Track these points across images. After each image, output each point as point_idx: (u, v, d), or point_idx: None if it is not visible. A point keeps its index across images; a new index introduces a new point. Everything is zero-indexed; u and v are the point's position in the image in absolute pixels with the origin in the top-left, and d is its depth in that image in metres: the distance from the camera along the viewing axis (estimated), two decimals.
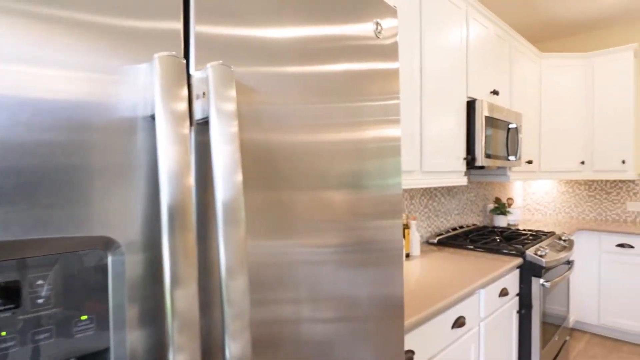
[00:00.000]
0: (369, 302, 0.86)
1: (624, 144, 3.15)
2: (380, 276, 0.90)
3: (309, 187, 0.72)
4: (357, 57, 0.83)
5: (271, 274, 0.64)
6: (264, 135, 0.64)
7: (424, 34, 1.85)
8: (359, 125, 0.84)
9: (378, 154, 0.89)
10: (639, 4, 2.96)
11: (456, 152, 2.10)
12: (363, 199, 0.85)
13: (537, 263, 1.96)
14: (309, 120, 0.73)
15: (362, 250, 0.85)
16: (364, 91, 0.85)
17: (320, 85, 0.75)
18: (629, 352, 2.87)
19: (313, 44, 0.73)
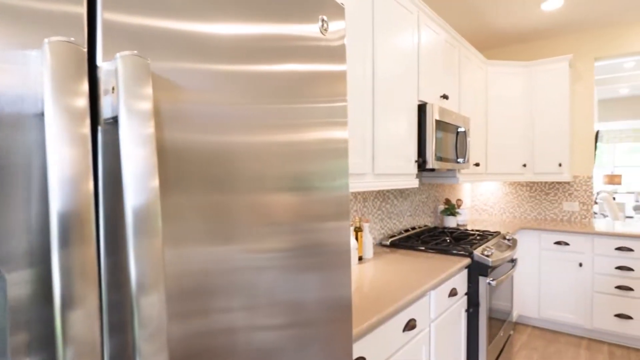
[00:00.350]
0: (316, 306, 0.84)
1: (560, 148, 3.36)
2: (327, 280, 0.87)
3: (250, 190, 0.68)
4: (303, 58, 0.80)
5: (208, 282, 0.60)
6: (197, 136, 0.59)
7: (376, 38, 1.85)
8: (304, 127, 0.81)
9: (324, 156, 0.86)
10: (573, 18, 3.18)
11: (408, 155, 2.12)
12: (309, 202, 0.82)
13: (484, 263, 2.03)
14: (249, 121, 0.69)
15: (308, 254, 0.82)
16: (310, 93, 0.82)
17: (262, 85, 0.71)
18: (566, 342, 3.06)
19: (254, 42, 0.69)
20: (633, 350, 2.91)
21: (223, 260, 0.63)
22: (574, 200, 3.59)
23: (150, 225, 0.44)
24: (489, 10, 3.02)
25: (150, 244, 0.44)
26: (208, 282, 0.60)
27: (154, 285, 0.45)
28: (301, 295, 0.80)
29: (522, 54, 3.83)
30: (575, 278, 3.11)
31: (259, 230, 0.70)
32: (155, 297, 0.45)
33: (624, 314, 2.92)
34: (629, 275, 2.90)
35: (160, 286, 0.45)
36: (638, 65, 5.37)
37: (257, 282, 0.69)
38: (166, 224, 0.54)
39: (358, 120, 1.73)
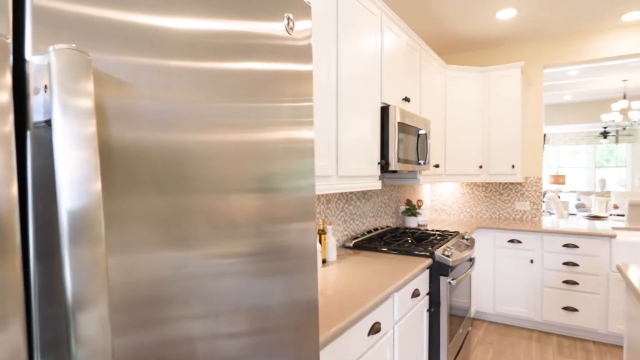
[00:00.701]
0: (281, 311, 0.81)
1: (513, 151, 3.52)
2: (293, 283, 0.85)
3: (210, 191, 0.64)
4: (268, 57, 0.77)
5: (164, 290, 0.56)
6: (150, 135, 0.54)
7: (340, 39, 1.83)
8: (268, 127, 0.78)
9: (289, 156, 0.84)
10: (525, 28, 3.34)
11: (371, 157, 2.13)
12: (274, 203, 0.80)
13: (445, 263, 2.07)
14: (209, 120, 0.65)
15: (273, 257, 0.79)
16: (275, 92, 0.79)
17: (224, 83, 0.67)
18: (518, 335, 3.21)
19: (214, 39, 0.65)
20: (579, 340, 3.10)
21: (181, 266, 0.59)
22: (525, 200, 3.78)
23: (90, 232, 0.39)
24: (448, 16, 3.11)
25: (90, 253, 0.39)
26: (164, 291, 0.56)
27: (94, 299, 0.40)
28: (266, 300, 0.77)
29: (479, 59, 3.98)
30: (527, 274, 3.27)
31: (220, 234, 0.67)
32: (95, 313, 0.40)
33: (571, 306, 3.11)
34: (574, 270, 3.09)
35: (102, 300, 0.41)
36: (580, 73, 5.76)
37: (218, 288, 0.66)
38: (114, 230, 0.50)
39: (323, 122, 1.71)
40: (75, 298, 0.38)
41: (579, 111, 8.12)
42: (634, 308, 1.80)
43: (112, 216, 0.50)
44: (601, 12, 3.05)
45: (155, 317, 0.55)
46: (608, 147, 9.76)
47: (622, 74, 5.80)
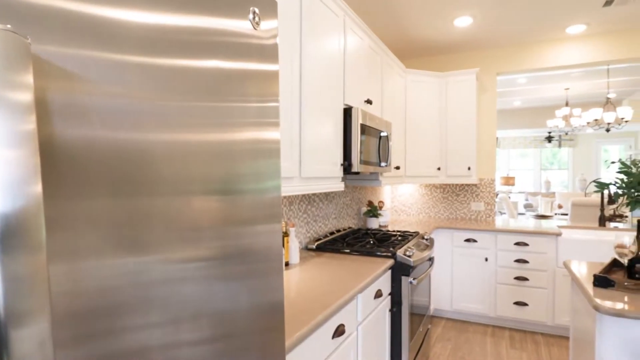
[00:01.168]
0: (246, 316, 0.79)
1: (469, 153, 3.67)
2: (259, 286, 0.83)
3: (170, 193, 0.61)
4: (234, 55, 0.75)
5: (119, 298, 0.53)
6: (102, 133, 0.50)
7: (304, 39, 1.82)
8: (233, 127, 0.76)
9: (255, 157, 0.81)
10: (481, 36, 3.49)
11: (334, 159, 2.13)
12: (238, 205, 0.77)
13: (406, 263, 2.11)
14: (169, 118, 0.61)
15: (238, 260, 0.77)
16: (240, 91, 0.77)
17: (186, 81, 0.64)
18: (474, 331, 3.34)
19: (179, 35, 0.62)
20: (529, 333, 3.27)
21: (137, 272, 0.56)
22: (480, 201, 3.94)
23: (28, 238, 0.35)
24: (409, 21, 3.19)
25: (28, 261, 0.35)
26: (118, 299, 0.53)
27: (32, 312, 0.36)
28: (230, 305, 0.74)
29: (437, 65, 4.11)
30: (482, 271, 3.41)
31: (181, 238, 0.64)
32: (34, 328, 0.36)
33: (521, 301, 3.28)
34: (525, 267, 3.26)
35: (42, 313, 0.37)
36: (528, 81, 6.12)
37: (179, 294, 0.63)
38: (59, 236, 0.45)
39: (286, 123, 1.68)
40: (9, 312, 0.34)
41: (526, 117, 8.63)
42: (578, 301, 1.92)
43: (56, 220, 0.45)
44: (548, 24, 3.25)
45: (107, 327, 0.52)
46: (552, 151, 10.45)
47: (565, 83, 6.23)
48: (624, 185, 1.49)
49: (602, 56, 3.48)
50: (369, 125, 2.41)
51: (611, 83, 6.21)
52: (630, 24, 3.25)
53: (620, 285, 1.56)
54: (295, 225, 2.37)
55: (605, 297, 1.48)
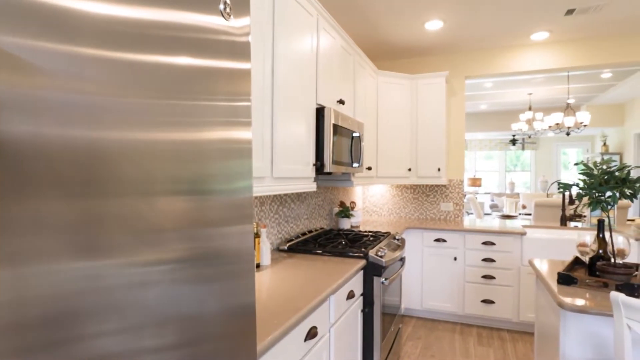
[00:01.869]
0: (216, 320, 0.76)
1: (438, 155, 3.74)
2: (229, 289, 0.80)
3: (131, 194, 0.57)
4: (203, 52, 0.72)
5: (73, 305, 0.50)
6: (52, 130, 0.46)
7: (276, 37, 1.78)
8: (202, 126, 0.73)
9: (225, 157, 0.79)
10: (451, 40, 3.57)
11: (306, 159, 2.10)
12: (207, 206, 0.74)
13: (378, 263, 2.11)
14: (133, 117, 0.58)
15: (206, 263, 0.74)
16: (210, 90, 0.74)
17: (154, 78, 0.61)
18: (443, 329, 3.40)
19: (144, 29, 0.59)
20: (495, 330, 3.37)
21: (94, 277, 0.52)
22: (449, 201, 4.03)
23: None
24: (381, 23, 3.21)
25: None
26: (73, 305, 0.49)
27: None
28: (198, 309, 0.71)
29: (409, 67, 4.17)
30: (451, 271, 3.49)
31: (143, 240, 0.60)
32: None
33: (488, 299, 3.37)
34: (491, 265, 3.35)
35: None
36: (494, 86, 6.33)
37: (142, 299, 0.59)
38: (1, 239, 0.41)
39: (257, 122, 1.64)
40: None
41: (492, 120, 8.93)
42: (542, 298, 1.99)
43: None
44: (515, 31, 3.36)
45: (60, 336, 0.48)
46: (516, 153, 10.88)
47: (528, 88, 6.49)
48: (586, 186, 1.55)
49: (564, 62, 3.64)
50: (342, 126, 2.40)
51: (571, 89, 6.53)
52: (590, 32, 3.41)
53: (582, 283, 1.62)
54: (267, 226, 2.32)
55: (568, 294, 1.53)
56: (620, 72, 5.42)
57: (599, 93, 6.79)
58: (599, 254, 1.69)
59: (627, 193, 1.46)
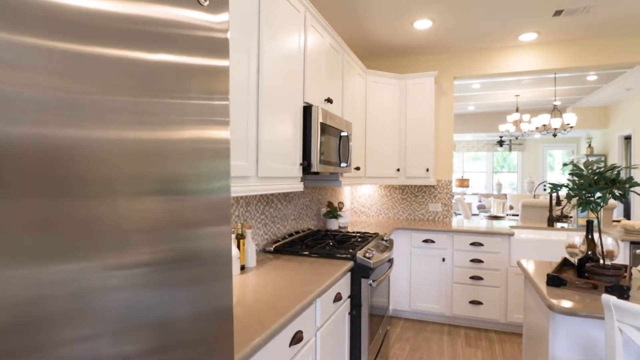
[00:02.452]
0: (190, 325, 0.72)
1: (427, 155, 3.72)
2: (205, 292, 0.76)
3: (100, 195, 0.55)
4: (178, 48, 0.69)
5: (39, 311, 0.47)
6: (19, 128, 0.44)
7: (262, 34, 1.73)
8: (175, 125, 0.69)
9: (199, 156, 0.75)
10: (440, 40, 3.55)
11: (293, 158, 2.05)
12: (182, 207, 0.70)
13: (366, 265, 2.07)
14: (104, 114, 0.55)
15: (181, 265, 0.71)
16: (185, 87, 0.71)
17: (127, 74, 0.59)
18: (432, 330, 3.38)
19: (116, 23, 0.56)
20: (483, 331, 3.36)
21: (63, 282, 0.50)
22: (438, 202, 4.02)
23: None
24: (369, 22, 3.17)
25: None
26: (41, 311, 0.47)
27: None
28: (172, 313, 0.68)
29: (397, 67, 4.15)
30: (439, 272, 3.47)
31: (114, 243, 0.57)
32: None
33: (476, 300, 3.36)
34: (479, 266, 3.34)
35: None
36: (482, 87, 6.36)
37: (111, 303, 0.57)
38: None
39: (242, 121, 1.59)
40: None
41: (480, 121, 8.99)
42: (531, 299, 1.97)
43: None
44: (503, 31, 3.36)
45: (26, 344, 0.45)
46: (503, 155, 10.98)
47: (516, 89, 6.54)
48: (576, 187, 1.53)
49: (551, 64, 3.66)
50: (329, 125, 2.35)
51: (557, 91, 6.60)
52: (578, 34, 3.43)
53: (571, 284, 1.60)
54: (253, 227, 2.27)
55: (558, 296, 1.51)
56: (605, 74, 5.49)
57: (585, 95, 6.89)
58: (588, 255, 1.68)
59: (616, 194, 1.45)
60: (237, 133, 1.55)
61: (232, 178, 1.54)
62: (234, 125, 1.53)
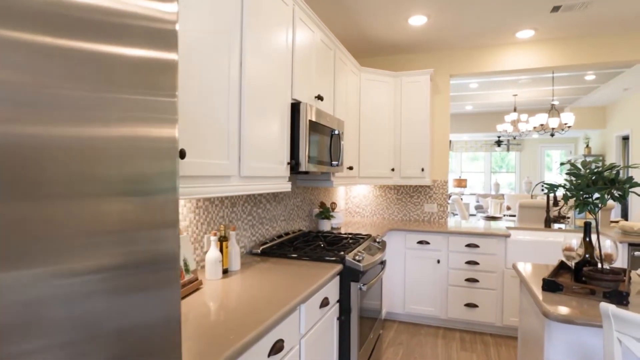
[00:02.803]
0: (121, 339, 0.65)
1: (422, 155, 3.64)
2: (149, 301, 0.69)
3: (18, 197, 0.48)
4: (116, 38, 0.61)
5: None
6: None
7: (245, 29, 1.65)
8: (106, 122, 0.61)
9: (133, 156, 0.67)
10: (436, 37, 3.48)
11: (280, 157, 1.97)
12: (112, 211, 0.63)
13: (356, 268, 1.99)
14: (20, 109, 0.49)
15: (118, 274, 0.63)
16: (120, 82, 0.63)
17: (53, 66, 0.52)
18: (426, 333, 3.30)
19: (42, 6, 0.50)
20: (478, 334, 3.28)
21: None
22: (433, 203, 3.94)
23: None
24: (363, 17, 3.10)
25: None
26: None
27: None
28: (103, 326, 0.61)
29: (393, 64, 4.07)
30: (434, 274, 3.39)
31: (33, 249, 0.50)
32: None
33: (472, 303, 3.28)
34: (475, 268, 3.27)
35: None
36: (480, 86, 6.29)
37: (37, 316, 0.51)
38: None
39: (221, 118, 1.51)
40: None
41: (478, 121, 8.92)
42: (526, 302, 1.89)
43: None
44: (500, 28, 3.28)
45: None
46: (501, 155, 10.92)
47: (513, 89, 6.47)
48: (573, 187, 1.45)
49: (549, 62, 3.58)
50: (320, 123, 2.27)
51: (555, 91, 6.53)
52: (575, 31, 3.36)
53: (568, 289, 1.53)
54: (239, 229, 2.19)
55: (554, 302, 1.43)
56: (603, 74, 5.43)
57: (583, 95, 6.82)
58: (585, 258, 1.61)
59: (616, 195, 1.37)
60: (216, 131, 1.47)
61: (211, 178, 1.46)
62: (212, 123, 1.45)
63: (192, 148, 1.34)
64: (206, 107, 1.40)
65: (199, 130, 1.37)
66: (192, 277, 1.56)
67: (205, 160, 1.41)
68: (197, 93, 1.35)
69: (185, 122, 1.30)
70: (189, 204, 1.80)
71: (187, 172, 1.30)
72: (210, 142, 1.44)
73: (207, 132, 1.42)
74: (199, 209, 1.86)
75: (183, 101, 1.28)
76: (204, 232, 1.91)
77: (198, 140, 1.37)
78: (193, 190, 1.35)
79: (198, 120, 1.36)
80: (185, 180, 1.32)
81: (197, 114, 1.36)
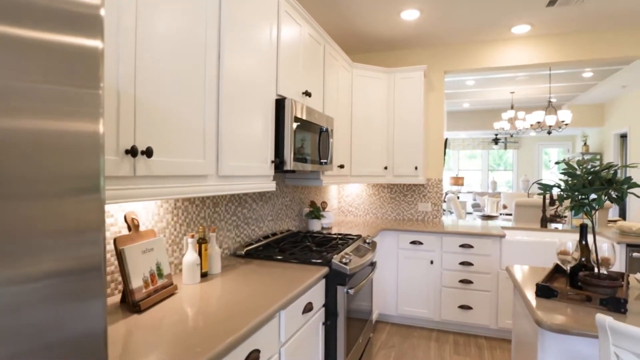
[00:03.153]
0: (59, 352, 0.54)
1: (416, 153, 3.56)
2: (69, 314, 0.62)
3: None
4: (21, 19, 0.53)
5: None
6: None
7: (224, 21, 1.56)
8: (27, 114, 0.54)
9: (42, 152, 0.57)
10: (429, 31, 3.39)
11: (263, 155, 1.88)
12: (22, 215, 0.54)
13: (342, 271, 1.91)
14: None
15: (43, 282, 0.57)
16: (26, 69, 0.53)
17: None
18: (419, 336, 3.23)
19: None
20: (472, 337, 3.21)
21: None
22: (427, 202, 3.86)
23: None
24: (353, 11, 3.00)
25: None
26: None
27: None
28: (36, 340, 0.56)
29: (385, 61, 3.98)
30: (427, 275, 3.31)
31: None
32: None
33: (466, 305, 3.21)
34: (469, 269, 3.19)
35: None
36: (476, 84, 6.21)
37: None
38: None
39: (197, 115, 1.42)
40: None
41: (475, 119, 8.84)
42: (519, 306, 1.82)
43: None
44: (495, 23, 3.20)
45: None
46: (498, 153, 10.85)
47: (510, 86, 6.38)
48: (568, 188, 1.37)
49: (545, 58, 3.50)
50: (307, 120, 2.18)
51: (552, 88, 6.45)
52: (571, 26, 3.28)
53: (563, 296, 1.45)
54: (222, 229, 2.10)
55: (548, 309, 1.35)
56: (601, 71, 5.35)
57: (580, 93, 6.75)
58: (581, 262, 1.53)
59: (613, 196, 1.29)
60: (190, 128, 1.38)
61: (185, 177, 1.37)
62: (187, 120, 1.36)
63: (162, 146, 1.25)
64: (178, 102, 1.32)
65: (169, 127, 1.28)
66: (166, 282, 1.48)
67: (177, 159, 1.32)
68: (167, 89, 1.26)
69: (153, 119, 1.21)
70: (166, 204, 1.71)
71: (155, 172, 1.21)
72: (184, 140, 1.35)
73: (179, 129, 1.33)
74: (177, 210, 1.78)
75: (149, 97, 1.19)
76: (183, 233, 1.82)
77: (169, 138, 1.28)
78: (162, 190, 1.26)
79: (168, 118, 1.27)
80: (154, 180, 1.23)
81: (167, 110, 1.27)
